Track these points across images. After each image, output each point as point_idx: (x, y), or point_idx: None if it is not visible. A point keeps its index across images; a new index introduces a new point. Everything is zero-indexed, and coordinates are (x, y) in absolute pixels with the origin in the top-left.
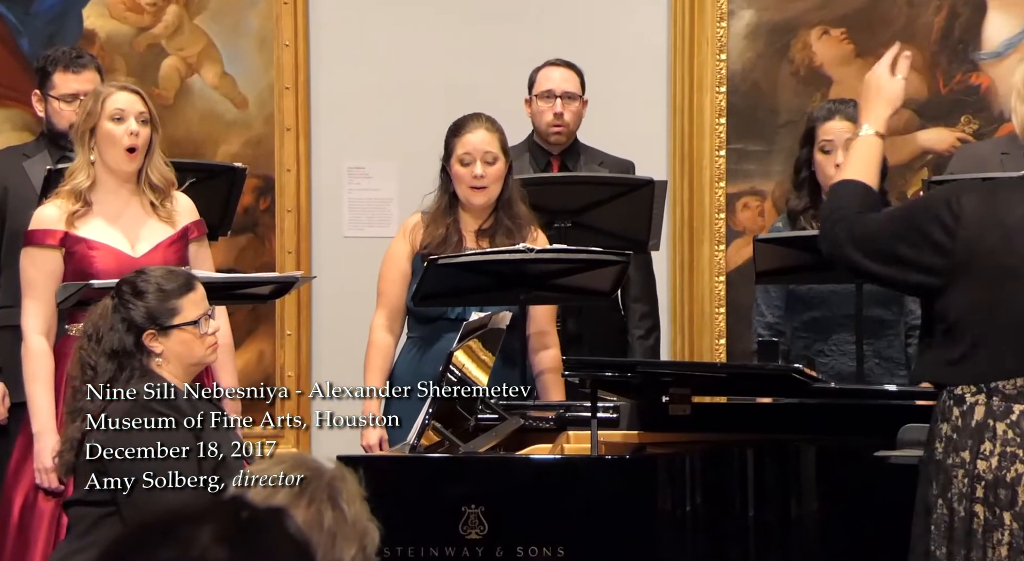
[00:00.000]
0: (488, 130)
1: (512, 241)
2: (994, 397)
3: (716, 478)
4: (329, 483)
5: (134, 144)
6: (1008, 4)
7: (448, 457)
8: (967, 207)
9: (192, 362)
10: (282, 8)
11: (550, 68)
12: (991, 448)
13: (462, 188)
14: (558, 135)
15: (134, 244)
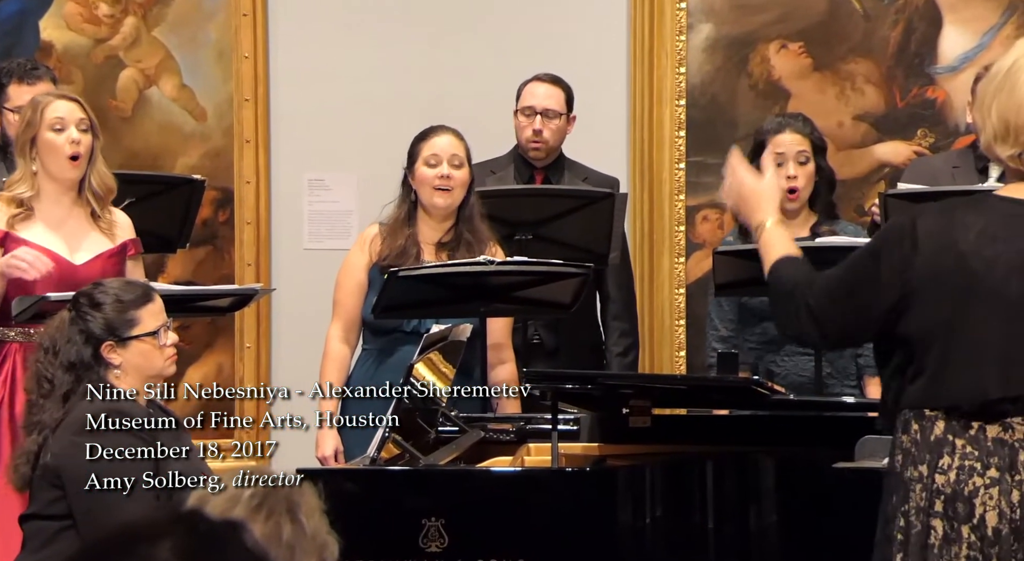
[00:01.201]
0: (455, 137)
1: (471, 254)
2: (953, 413)
3: (676, 490)
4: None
5: (76, 152)
6: (963, 19)
7: (408, 470)
8: (923, 230)
9: (151, 374)
10: (241, 20)
11: (535, 83)
12: (949, 462)
13: (426, 191)
14: (536, 151)
15: (75, 252)
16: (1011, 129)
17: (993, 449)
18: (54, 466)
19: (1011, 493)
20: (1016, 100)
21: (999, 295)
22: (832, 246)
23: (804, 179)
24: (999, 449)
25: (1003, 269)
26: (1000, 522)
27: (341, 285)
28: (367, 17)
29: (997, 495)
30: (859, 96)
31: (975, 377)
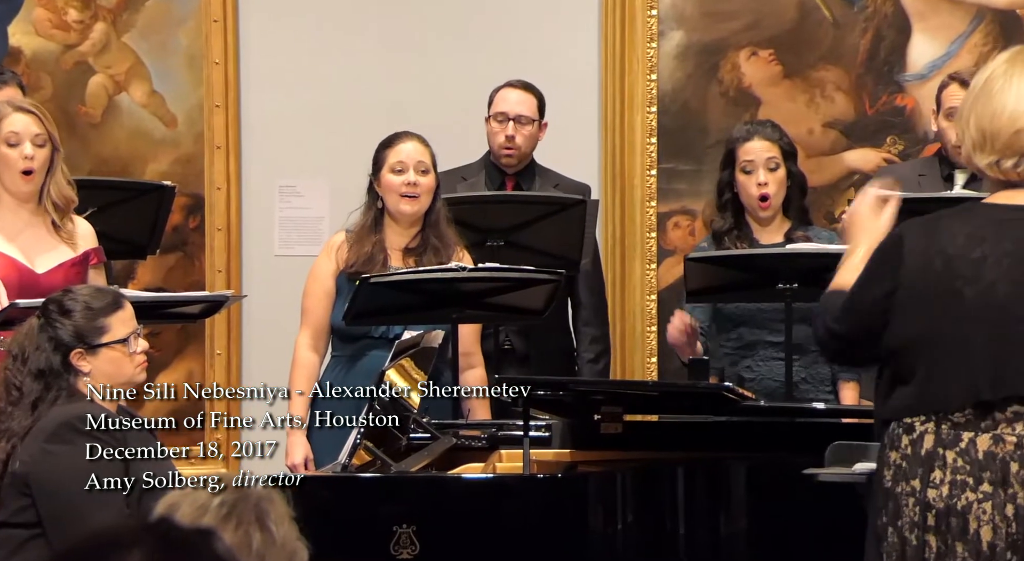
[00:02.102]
0: (420, 143)
1: (439, 260)
2: (943, 425)
3: (647, 496)
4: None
5: (29, 167)
6: (932, 27)
7: (379, 476)
8: (910, 240)
9: (121, 381)
10: (212, 26)
11: (507, 89)
12: (941, 476)
13: (392, 198)
14: (508, 157)
15: (36, 261)
16: (987, 137)
17: (985, 463)
18: (23, 474)
19: (1005, 507)
20: (990, 108)
21: (987, 298)
22: (806, 253)
23: (775, 185)
24: (991, 463)
25: (990, 272)
26: (995, 537)
27: (309, 293)
28: (338, 23)
29: (991, 510)
30: (829, 103)
31: (966, 380)
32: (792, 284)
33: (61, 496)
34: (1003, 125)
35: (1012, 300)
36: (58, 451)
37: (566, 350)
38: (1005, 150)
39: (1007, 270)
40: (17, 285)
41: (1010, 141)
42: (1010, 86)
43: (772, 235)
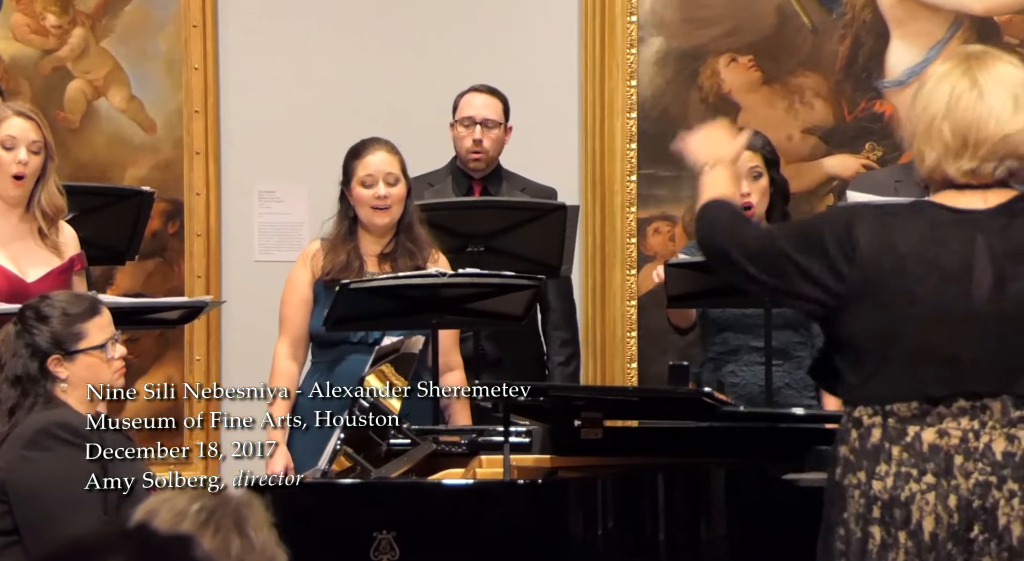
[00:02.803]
0: (388, 152)
1: (414, 263)
2: (890, 419)
3: (627, 502)
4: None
5: (21, 172)
6: (910, 33)
7: (359, 482)
8: (863, 234)
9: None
10: (191, 31)
11: (472, 94)
12: (887, 469)
13: (364, 210)
14: (476, 161)
15: (25, 269)
16: (970, 144)
17: (929, 455)
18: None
19: (948, 498)
20: (976, 115)
21: (936, 298)
22: None
23: (758, 194)
24: (935, 455)
25: (940, 272)
26: (937, 527)
27: (286, 302)
28: (318, 28)
29: (934, 500)
30: (808, 109)
31: (913, 377)
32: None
33: (38, 503)
34: (991, 132)
35: (960, 300)
36: (36, 458)
37: (537, 354)
38: (989, 155)
39: (955, 272)
40: (7, 294)
41: (996, 147)
42: (985, 94)
43: None
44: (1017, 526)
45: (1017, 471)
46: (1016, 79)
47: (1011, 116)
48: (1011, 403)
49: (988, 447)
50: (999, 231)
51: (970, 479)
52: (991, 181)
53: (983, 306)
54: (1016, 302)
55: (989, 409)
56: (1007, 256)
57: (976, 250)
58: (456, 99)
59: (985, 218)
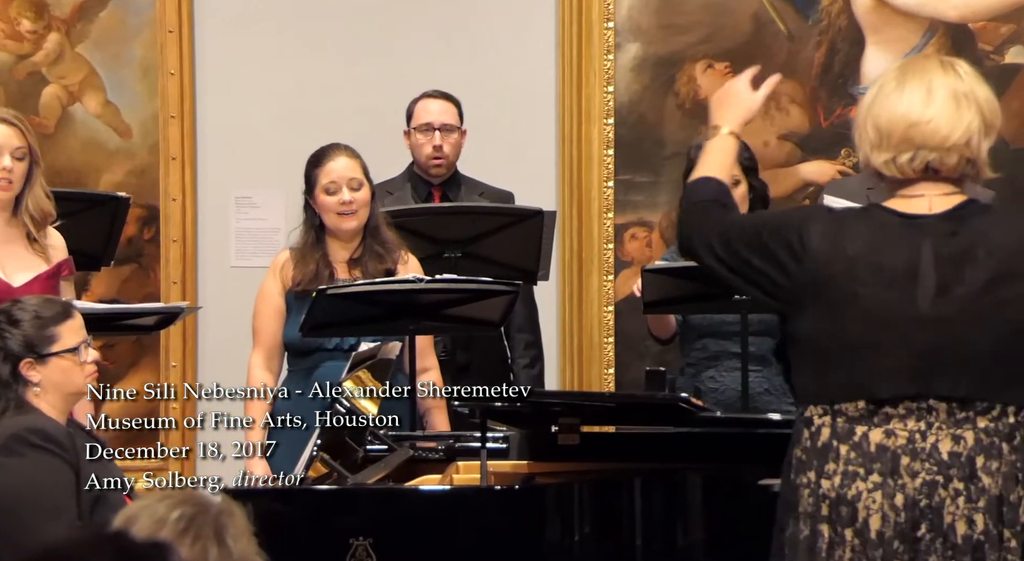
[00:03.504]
0: (349, 157)
1: (383, 266)
2: (839, 419)
3: (604, 507)
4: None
5: (7, 178)
6: (885, 40)
7: (336, 489)
8: (814, 235)
9: (71, 391)
10: (167, 37)
11: (428, 100)
12: (835, 468)
13: (331, 217)
14: (438, 167)
15: (12, 274)
16: (883, 135)
17: (876, 455)
18: None
19: (894, 496)
20: (887, 109)
21: (882, 301)
22: None
23: (738, 200)
24: (882, 455)
25: (886, 276)
26: (883, 525)
27: (259, 314)
28: (294, 33)
29: (880, 499)
30: (784, 116)
31: (859, 379)
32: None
33: (12, 510)
34: (897, 121)
35: (904, 304)
36: (8, 464)
37: (502, 358)
38: (900, 145)
39: (900, 275)
40: None
41: (905, 136)
42: (902, 88)
43: None
44: (962, 525)
45: (962, 471)
46: (938, 78)
47: (922, 107)
48: (956, 405)
49: (935, 447)
50: (945, 237)
51: (916, 479)
52: (915, 175)
53: (927, 310)
54: (959, 307)
55: (935, 410)
56: (951, 261)
57: (922, 255)
58: (410, 106)
59: (931, 224)
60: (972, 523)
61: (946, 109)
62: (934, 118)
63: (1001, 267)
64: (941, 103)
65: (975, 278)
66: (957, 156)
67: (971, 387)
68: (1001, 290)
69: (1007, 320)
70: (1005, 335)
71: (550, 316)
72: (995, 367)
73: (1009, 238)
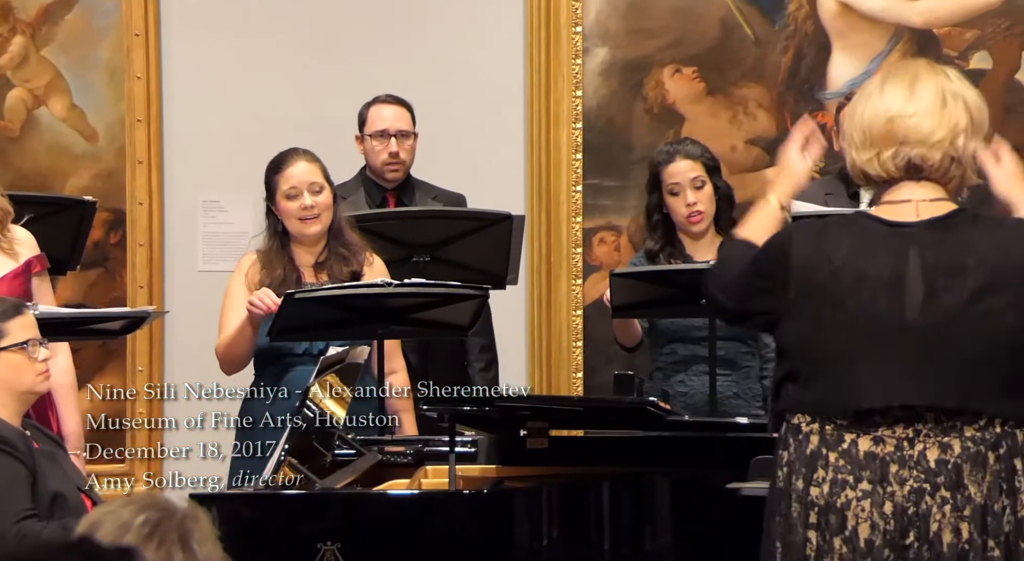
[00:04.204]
0: (309, 162)
1: (349, 269)
2: (827, 426)
3: (573, 511)
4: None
5: None
6: (851, 46)
7: (303, 493)
8: (797, 248)
9: (22, 389)
10: (133, 40)
11: (381, 106)
12: (823, 475)
13: (293, 223)
14: (394, 172)
15: None
16: (865, 133)
17: (865, 463)
18: None
19: (883, 505)
20: (869, 108)
21: (868, 310)
22: None
23: (705, 202)
24: (871, 462)
25: (872, 284)
26: (872, 533)
27: (228, 309)
28: (262, 37)
29: (869, 507)
30: (751, 120)
31: (847, 388)
32: None
33: None
34: (879, 115)
35: (891, 312)
36: None
37: (459, 362)
38: (882, 141)
39: (887, 283)
40: None
41: (885, 130)
42: (884, 89)
43: (705, 251)
44: (948, 533)
45: (949, 479)
46: (924, 75)
47: (904, 101)
48: (944, 414)
49: (922, 454)
50: (932, 244)
51: (905, 486)
52: (899, 174)
53: (915, 319)
54: (947, 316)
55: (923, 418)
56: (939, 270)
57: (908, 263)
58: (362, 112)
59: (918, 231)
60: (958, 532)
61: (931, 105)
62: (918, 112)
63: (991, 277)
64: (926, 99)
65: (963, 287)
66: (941, 153)
67: (959, 397)
68: (989, 300)
69: (995, 330)
70: (992, 345)
71: (519, 320)
72: (982, 377)
73: (999, 248)
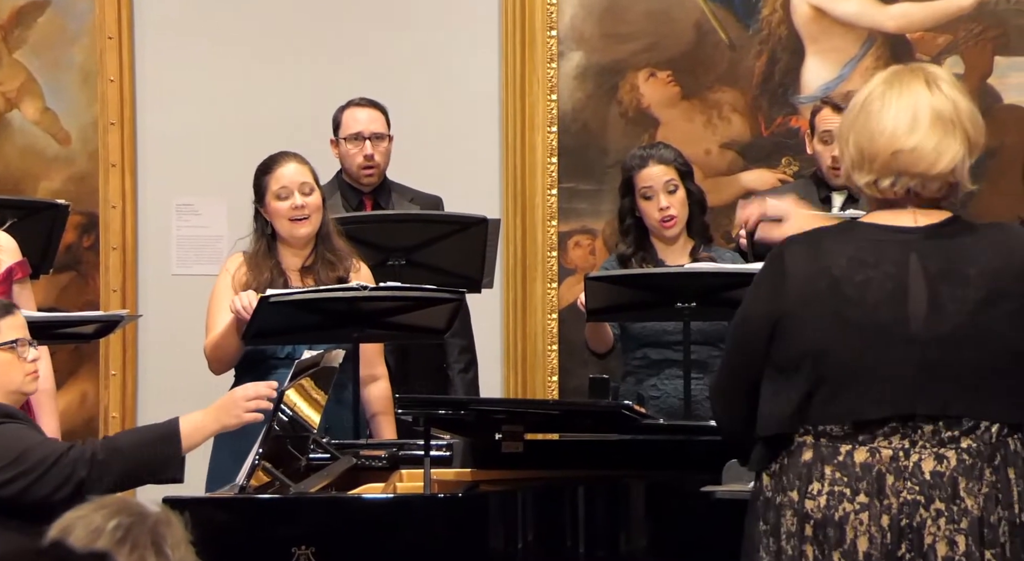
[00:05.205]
0: (299, 163)
1: (336, 274)
2: (822, 439)
3: (548, 515)
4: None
5: None
6: (825, 50)
7: (277, 497)
8: (793, 259)
9: (11, 389)
10: (106, 43)
11: (355, 109)
12: (819, 488)
13: (283, 223)
14: (370, 176)
15: None
16: (866, 157)
17: (861, 474)
18: None
19: (881, 518)
20: (869, 129)
21: (870, 320)
22: (704, 272)
23: (677, 206)
24: (867, 474)
25: (874, 294)
26: (871, 547)
27: (214, 310)
28: (236, 40)
29: (867, 520)
30: (726, 124)
31: (848, 399)
32: (690, 303)
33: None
34: (881, 147)
35: (893, 323)
36: None
37: (439, 365)
38: (883, 170)
39: (889, 293)
40: None
41: (887, 162)
42: (888, 107)
43: (678, 256)
44: (942, 546)
45: (944, 491)
46: (923, 99)
47: (905, 134)
48: (943, 424)
49: (918, 466)
50: (933, 252)
51: (900, 498)
52: (895, 197)
53: (919, 330)
54: (952, 325)
55: (920, 429)
56: (942, 278)
57: (910, 270)
58: (336, 115)
59: (917, 238)
60: (953, 545)
61: (932, 137)
62: (918, 146)
63: (993, 286)
64: (926, 129)
65: (967, 298)
66: (940, 183)
67: (958, 405)
68: (993, 309)
69: (999, 339)
70: (996, 355)
71: (494, 324)
72: (982, 385)
73: (1000, 255)
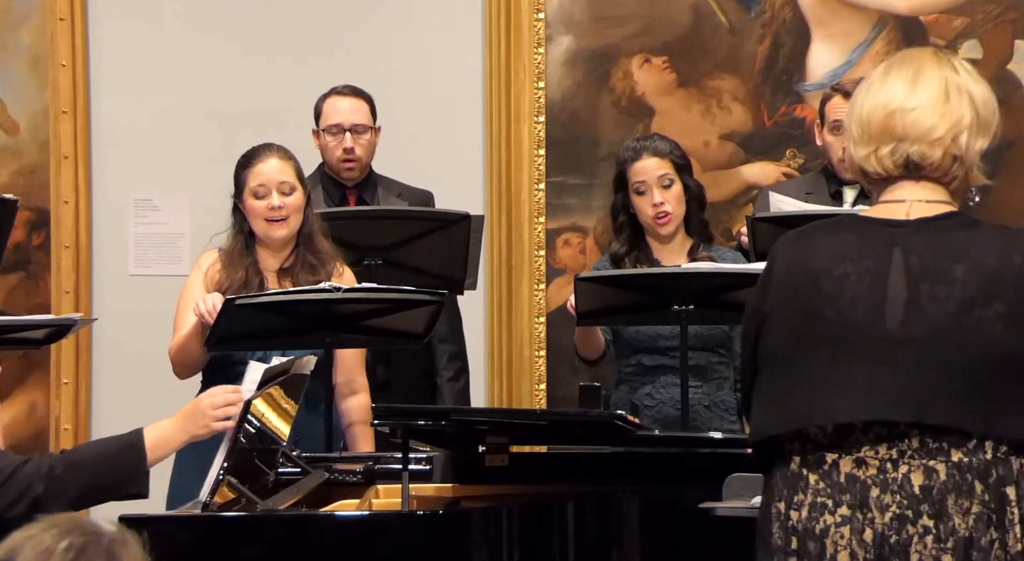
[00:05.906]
0: (281, 159)
1: (316, 278)
2: (808, 445)
3: (535, 533)
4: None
5: None
6: (832, 34)
7: (244, 515)
8: (780, 256)
9: None
10: (58, 25)
11: (337, 98)
12: (803, 498)
13: (259, 223)
14: (350, 171)
15: None
16: (863, 127)
17: (845, 486)
18: None
19: (863, 532)
20: (871, 100)
21: (846, 318)
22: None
23: (673, 202)
24: (851, 486)
25: (850, 291)
26: None
27: (182, 310)
28: (198, 24)
29: (848, 534)
30: (726, 114)
31: (822, 402)
32: (688, 306)
33: None
34: (878, 108)
35: (870, 320)
36: None
37: (427, 372)
38: (879, 137)
39: (867, 289)
40: None
41: (883, 125)
42: (886, 81)
43: (674, 255)
44: None
45: (932, 508)
46: (928, 67)
47: (905, 94)
48: (929, 434)
49: (906, 478)
50: (918, 247)
51: (886, 514)
52: (897, 171)
53: (896, 328)
54: (930, 326)
55: (907, 438)
56: (924, 275)
57: (891, 266)
58: (318, 104)
59: (904, 232)
60: None
61: (933, 99)
62: (919, 106)
63: (982, 286)
64: (928, 92)
65: (949, 297)
66: (942, 151)
67: (938, 413)
68: (978, 311)
69: (984, 344)
70: (980, 360)
71: (478, 327)
72: (969, 394)
73: (998, 255)
